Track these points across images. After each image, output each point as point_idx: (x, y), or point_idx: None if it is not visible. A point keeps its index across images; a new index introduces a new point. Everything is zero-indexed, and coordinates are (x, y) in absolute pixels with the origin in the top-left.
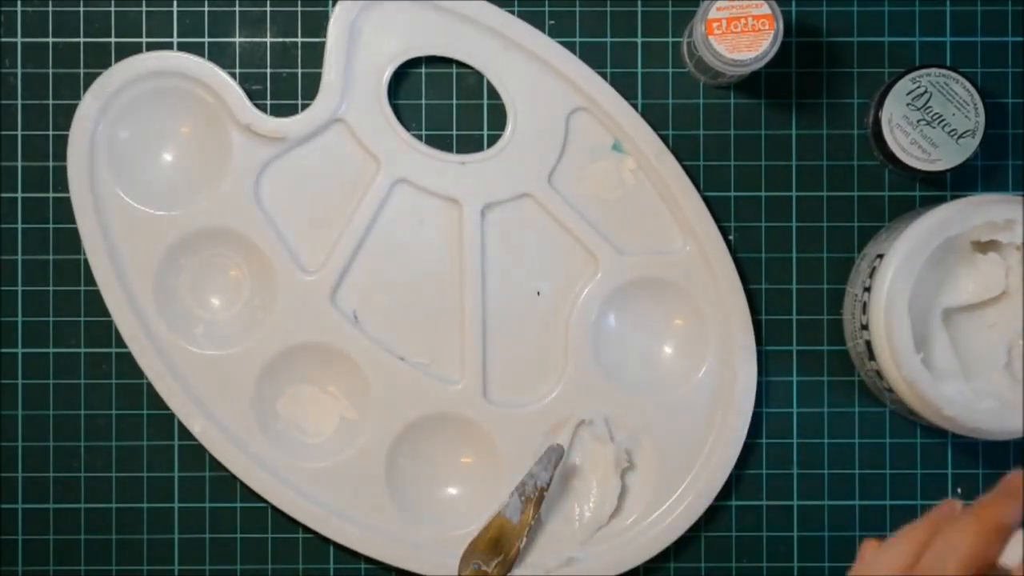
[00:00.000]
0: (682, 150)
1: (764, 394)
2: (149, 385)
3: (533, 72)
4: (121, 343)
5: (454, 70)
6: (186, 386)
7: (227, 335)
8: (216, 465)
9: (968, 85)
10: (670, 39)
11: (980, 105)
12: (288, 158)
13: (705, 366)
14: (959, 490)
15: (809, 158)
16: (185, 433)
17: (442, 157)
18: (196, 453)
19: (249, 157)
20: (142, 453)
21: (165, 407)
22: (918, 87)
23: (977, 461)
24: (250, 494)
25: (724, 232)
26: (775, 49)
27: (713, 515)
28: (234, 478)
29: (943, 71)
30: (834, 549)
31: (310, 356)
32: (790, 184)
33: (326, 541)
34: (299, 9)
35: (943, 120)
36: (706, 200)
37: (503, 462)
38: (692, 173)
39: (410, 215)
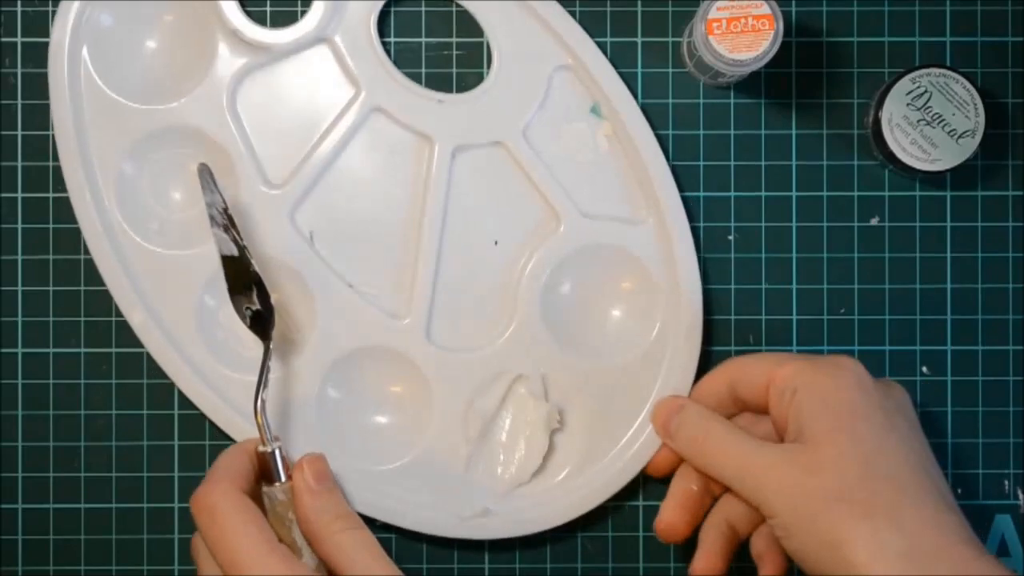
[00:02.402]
0: (682, 150)
1: None
2: (149, 385)
3: (524, 22)
4: (121, 343)
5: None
6: (133, 278)
7: (181, 236)
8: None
9: (968, 85)
10: (670, 39)
11: (980, 105)
12: (269, 70)
13: (651, 339)
14: (959, 490)
15: (809, 158)
16: (185, 433)
17: (421, 92)
18: (196, 453)
19: (231, 63)
20: (142, 453)
21: (166, 407)
22: (918, 87)
23: (977, 461)
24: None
25: (724, 231)
26: (775, 49)
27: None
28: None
29: (943, 71)
30: None
31: (260, 269)
32: (790, 184)
33: None
34: None
35: (943, 120)
36: (706, 200)
37: (435, 404)
38: (692, 173)
39: (381, 145)
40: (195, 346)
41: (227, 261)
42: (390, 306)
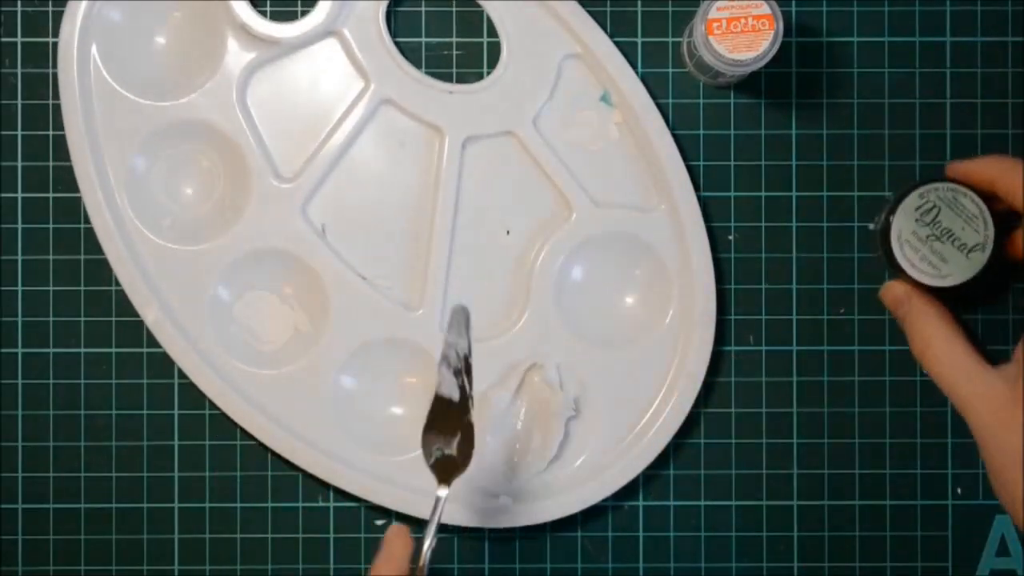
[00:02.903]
0: (682, 150)
1: (764, 394)
2: (149, 385)
3: (532, 12)
4: (121, 343)
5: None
6: (146, 275)
7: (193, 231)
8: (216, 466)
9: (975, 198)
10: (670, 39)
11: (989, 218)
12: (279, 64)
13: (664, 327)
14: (959, 490)
15: (809, 158)
16: (185, 433)
17: (431, 84)
18: (196, 453)
19: (241, 57)
20: (142, 453)
21: (166, 407)
22: (926, 202)
23: (977, 461)
24: (250, 496)
25: (724, 231)
26: (775, 49)
27: (708, 512)
28: (234, 477)
29: (951, 186)
30: (834, 549)
31: (273, 263)
32: (790, 184)
33: (266, 449)
34: None
35: (952, 235)
36: (706, 200)
37: None
38: (692, 173)
39: (391, 137)
40: (208, 340)
41: (441, 401)
42: (403, 297)
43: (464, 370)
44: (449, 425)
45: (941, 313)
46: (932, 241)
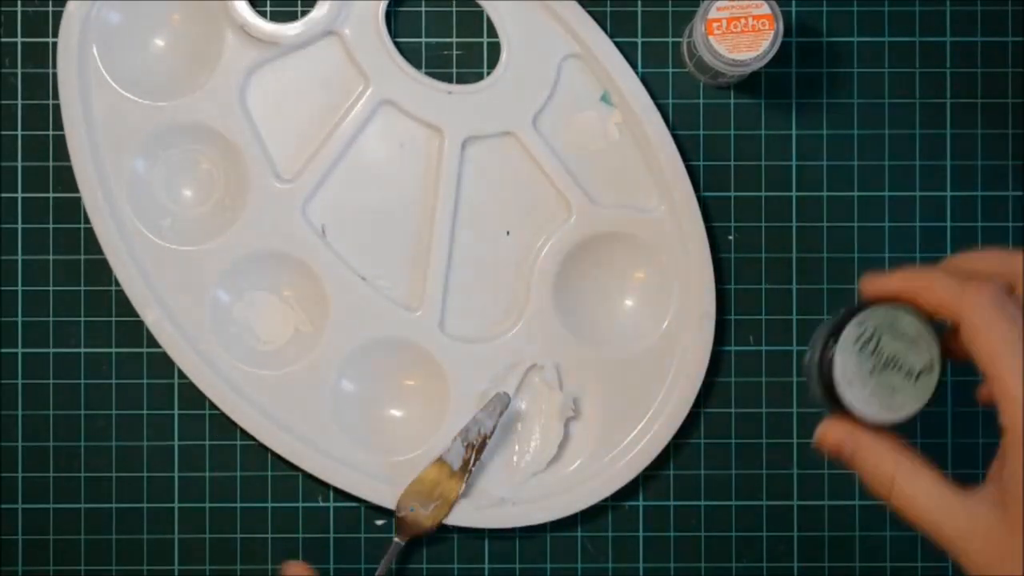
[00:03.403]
0: (682, 150)
1: (764, 394)
2: (149, 385)
3: (532, 12)
4: (121, 343)
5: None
6: (146, 275)
7: (193, 232)
8: (216, 466)
9: (913, 319)
10: (670, 39)
11: (931, 337)
12: (278, 65)
13: (663, 327)
14: None
15: (809, 158)
16: (185, 433)
17: (430, 84)
18: (196, 453)
19: (240, 58)
20: (142, 453)
21: (166, 407)
22: (864, 331)
23: (977, 461)
24: (250, 496)
25: (724, 231)
26: (775, 49)
27: (705, 512)
28: (234, 478)
29: (887, 309)
30: (834, 549)
31: (273, 264)
32: (790, 184)
33: (266, 449)
34: None
35: (897, 361)
36: (706, 200)
37: (451, 395)
38: (692, 173)
39: (391, 138)
40: (208, 341)
41: (440, 467)
42: (403, 298)
43: (477, 448)
44: (435, 491)
45: (892, 444)
46: (877, 373)
